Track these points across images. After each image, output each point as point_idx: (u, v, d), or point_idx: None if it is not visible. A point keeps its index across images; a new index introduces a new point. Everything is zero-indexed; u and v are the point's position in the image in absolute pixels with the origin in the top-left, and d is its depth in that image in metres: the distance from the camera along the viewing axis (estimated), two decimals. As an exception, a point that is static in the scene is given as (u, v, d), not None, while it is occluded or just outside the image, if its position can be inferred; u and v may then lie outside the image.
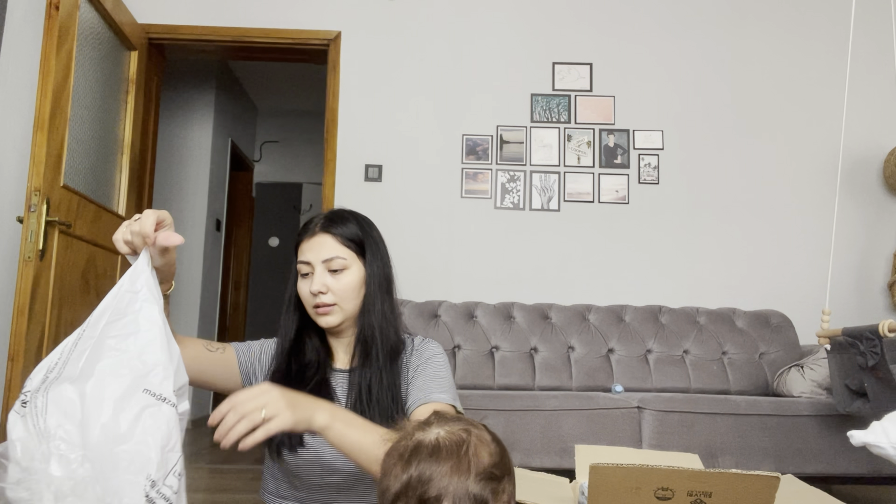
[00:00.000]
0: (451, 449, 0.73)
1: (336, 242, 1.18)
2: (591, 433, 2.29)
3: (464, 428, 0.76)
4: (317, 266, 1.17)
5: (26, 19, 3.19)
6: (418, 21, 3.39)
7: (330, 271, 1.17)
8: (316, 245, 1.18)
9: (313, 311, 1.19)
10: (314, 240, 1.19)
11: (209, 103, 4.75)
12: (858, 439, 1.51)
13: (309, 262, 1.18)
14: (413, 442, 0.75)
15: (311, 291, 1.17)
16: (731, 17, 3.42)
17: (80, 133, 2.70)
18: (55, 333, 2.47)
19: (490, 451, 0.74)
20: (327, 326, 1.19)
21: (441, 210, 3.26)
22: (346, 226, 1.20)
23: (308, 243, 1.19)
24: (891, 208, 3.30)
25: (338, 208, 1.26)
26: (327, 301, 1.17)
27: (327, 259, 1.17)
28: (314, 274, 1.17)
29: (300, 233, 1.23)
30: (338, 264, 1.17)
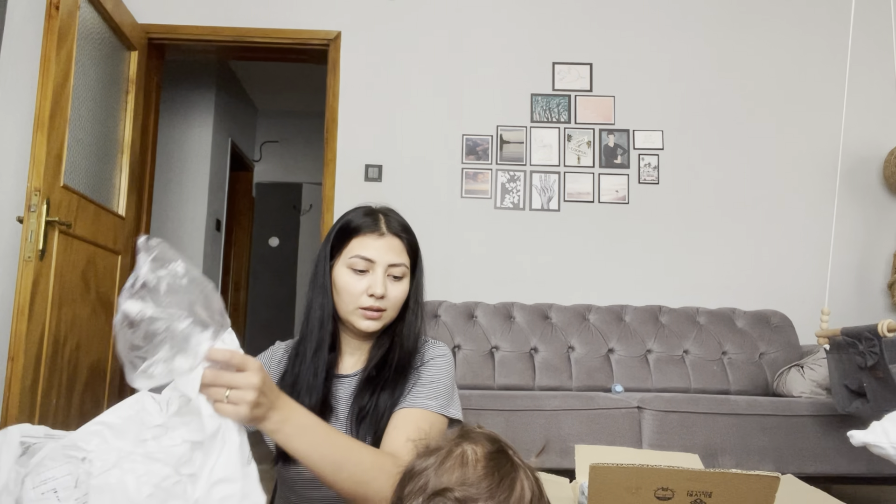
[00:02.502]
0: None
1: (404, 249, 1.14)
2: (591, 433, 2.29)
3: (460, 443, 0.74)
4: (380, 267, 1.11)
5: (26, 19, 3.19)
6: (418, 21, 3.39)
7: (390, 276, 1.12)
8: (385, 246, 1.12)
9: (358, 312, 1.12)
10: (384, 240, 1.12)
11: (209, 103, 4.75)
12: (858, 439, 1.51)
13: (373, 260, 1.11)
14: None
15: (372, 293, 1.10)
16: (731, 16, 3.42)
17: (80, 133, 2.70)
18: (55, 333, 2.47)
19: (464, 472, 0.71)
20: (369, 330, 1.13)
21: (441, 210, 3.26)
22: (412, 234, 1.17)
23: (375, 241, 1.12)
24: (891, 208, 3.30)
25: (392, 209, 1.19)
26: (381, 306, 1.11)
27: (394, 264, 1.12)
28: (375, 275, 1.11)
29: (362, 224, 1.14)
30: (399, 272, 1.13)
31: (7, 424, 2.22)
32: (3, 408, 2.26)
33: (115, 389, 3.04)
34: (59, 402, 2.52)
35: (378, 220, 1.14)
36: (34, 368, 2.34)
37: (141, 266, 0.75)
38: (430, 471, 0.72)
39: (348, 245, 1.13)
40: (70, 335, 2.59)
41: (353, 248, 1.12)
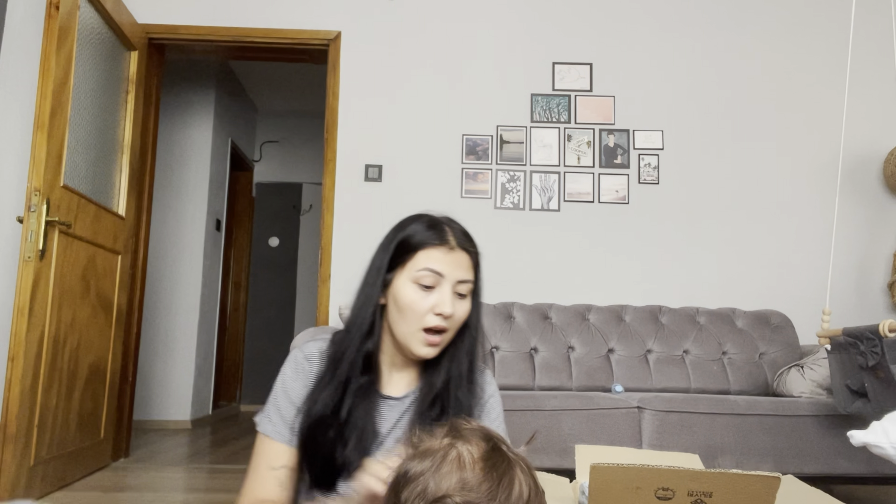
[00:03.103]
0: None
1: (471, 266, 1.07)
2: (591, 433, 2.29)
3: (451, 443, 0.74)
4: (446, 284, 1.03)
5: (26, 19, 3.19)
6: (418, 21, 3.39)
7: (455, 294, 1.04)
8: (455, 261, 1.04)
9: (419, 336, 1.03)
10: (454, 255, 1.05)
11: (209, 103, 4.75)
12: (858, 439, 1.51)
13: (443, 274, 1.03)
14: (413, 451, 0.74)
15: (440, 311, 1.02)
16: (731, 16, 3.42)
17: (80, 133, 2.70)
18: (55, 333, 2.47)
19: (461, 475, 0.71)
20: (426, 357, 1.05)
21: (441, 210, 3.25)
22: (476, 246, 1.09)
23: (445, 254, 1.04)
24: (891, 208, 3.30)
25: (454, 219, 1.11)
26: (446, 326, 1.03)
27: (462, 281, 1.04)
28: (442, 291, 1.03)
29: (430, 236, 1.05)
30: (465, 289, 1.05)
31: (7, 424, 2.22)
32: (3, 408, 2.26)
33: (114, 389, 3.04)
34: (59, 402, 2.52)
35: (445, 232, 1.07)
36: (34, 368, 2.34)
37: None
38: (427, 475, 0.71)
39: (413, 258, 1.04)
40: (70, 335, 2.59)
41: (419, 261, 1.04)
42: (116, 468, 3.01)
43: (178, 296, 4.53)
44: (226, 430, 4.38)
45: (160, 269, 4.51)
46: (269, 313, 5.88)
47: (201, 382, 4.66)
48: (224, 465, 3.16)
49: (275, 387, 1.10)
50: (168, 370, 4.44)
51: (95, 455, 2.88)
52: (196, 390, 4.54)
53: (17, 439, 2.24)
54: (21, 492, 2.28)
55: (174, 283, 4.54)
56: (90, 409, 2.80)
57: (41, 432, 2.39)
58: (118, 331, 3.03)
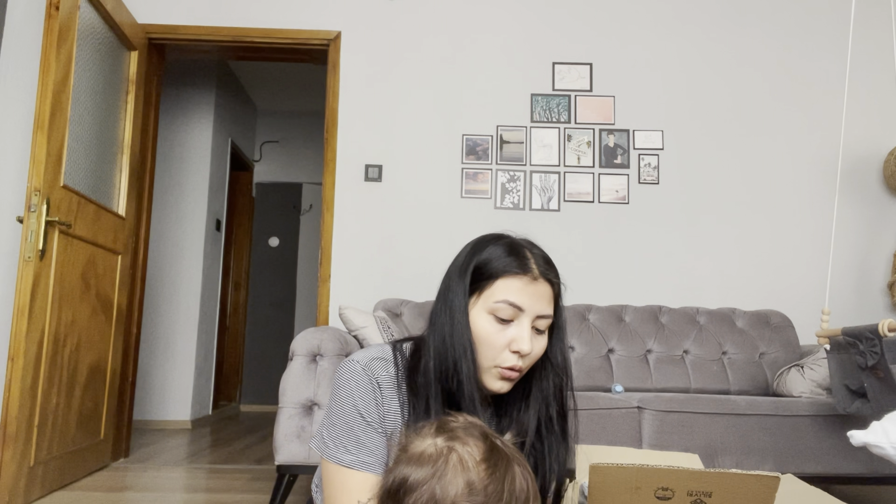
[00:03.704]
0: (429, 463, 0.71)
1: (552, 298, 0.97)
2: (591, 433, 2.29)
3: (449, 446, 0.72)
4: (525, 319, 0.94)
5: (26, 19, 3.19)
6: (418, 21, 3.39)
7: (534, 329, 0.95)
8: (537, 293, 0.95)
9: (494, 371, 0.94)
10: (536, 286, 0.95)
11: (209, 103, 4.75)
12: (858, 439, 1.51)
13: (523, 308, 0.93)
14: (403, 454, 0.73)
15: (516, 349, 0.92)
16: (731, 16, 3.42)
17: (80, 133, 2.70)
18: (55, 333, 2.47)
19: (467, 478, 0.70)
20: (500, 391, 0.95)
21: (441, 210, 3.26)
22: (558, 276, 0.99)
23: (527, 285, 0.94)
24: (891, 208, 3.30)
25: (535, 243, 1.02)
26: (522, 365, 0.94)
27: (542, 316, 0.95)
28: (521, 326, 0.93)
29: (509, 263, 0.95)
30: (544, 325, 0.96)
31: (7, 424, 2.22)
32: (3, 408, 2.26)
33: (114, 389, 3.04)
34: (59, 402, 2.52)
35: (527, 259, 0.97)
36: (34, 368, 2.34)
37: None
38: (431, 482, 0.69)
39: (491, 287, 0.95)
40: (70, 335, 2.59)
41: (498, 291, 0.94)
42: (116, 468, 3.01)
43: (178, 296, 4.53)
44: (226, 430, 4.38)
45: (160, 269, 4.51)
46: (269, 313, 5.88)
47: (201, 382, 4.66)
48: (224, 465, 3.16)
49: (341, 409, 0.95)
50: (168, 370, 4.44)
51: (95, 455, 2.88)
52: (196, 390, 4.54)
53: (17, 439, 2.24)
54: (21, 492, 2.29)
55: (174, 283, 4.54)
56: (90, 409, 2.80)
57: (41, 432, 2.39)
58: (118, 331, 3.03)
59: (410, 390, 0.95)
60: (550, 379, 1.00)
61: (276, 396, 5.31)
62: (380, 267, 3.17)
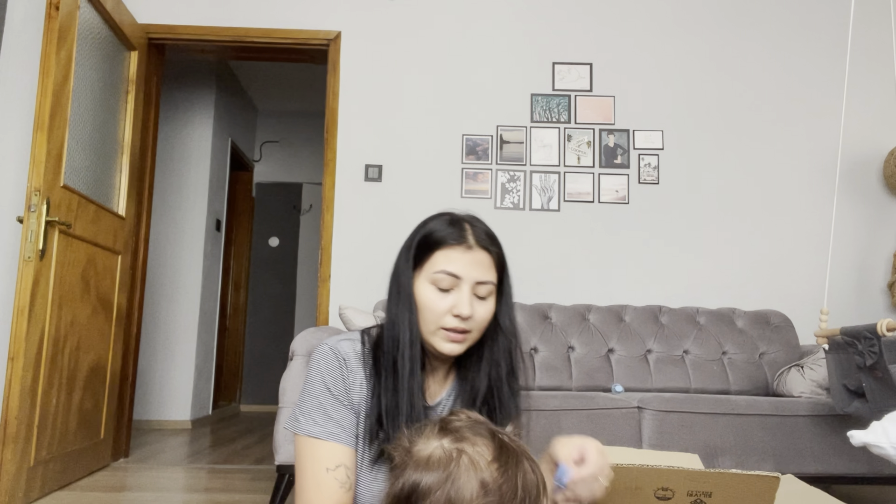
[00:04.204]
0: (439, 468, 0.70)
1: (492, 265, 1.03)
2: (591, 433, 2.28)
3: (458, 448, 0.72)
4: (466, 285, 1.00)
5: (26, 19, 3.19)
6: (418, 21, 3.39)
7: (476, 296, 1.01)
8: (474, 261, 1.01)
9: (440, 333, 1.01)
10: (472, 254, 1.01)
11: (209, 103, 4.75)
12: (858, 439, 1.51)
13: (459, 276, 1.00)
14: (408, 457, 0.72)
15: (458, 313, 0.99)
16: (730, 16, 3.42)
17: (80, 133, 2.70)
18: (55, 333, 2.47)
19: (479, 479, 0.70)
20: (451, 353, 1.02)
21: (441, 210, 3.26)
22: (498, 245, 1.05)
23: (462, 254, 1.01)
24: (891, 208, 3.30)
25: (475, 218, 1.07)
26: (466, 328, 1.00)
27: (481, 281, 1.01)
28: (461, 292, 1.00)
29: (447, 235, 1.03)
30: (485, 291, 1.02)
31: (7, 424, 2.22)
32: (3, 408, 2.26)
33: (114, 389, 3.04)
34: (59, 402, 2.52)
35: (465, 230, 1.03)
36: (34, 368, 2.34)
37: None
38: (445, 486, 0.69)
39: (431, 258, 1.02)
40: (70, 335, 2.59)
41: (436, 262, 1.01)
42: (116, 468, 3.01)
43: (178, 296, 4.53)
44: (226, 430, 4.38)
45: (160, 269, 4.51)
46: (269, 313, 5.88)
47: (201, 382, 4.66)
48: (224, 465, 3.17)
49: (311, 387, 1.04)
50: (168, 370, 4.44)
51: (95, 455, 2.88)
52: (196, 390, 4.54)
53: (17, 439, 2.24)
54: (21, 492, 2.29)
55: (174, 283, 4.54)
56: (90, 409, 2.80)
57: (41, 432, 2.39)
58: (118, 331, 3.03)
59: (374, 363, 1.04)
60: (499, 342, 1.06)
61: (276, 396, 5.30)
62: (380, 267, 3.16)
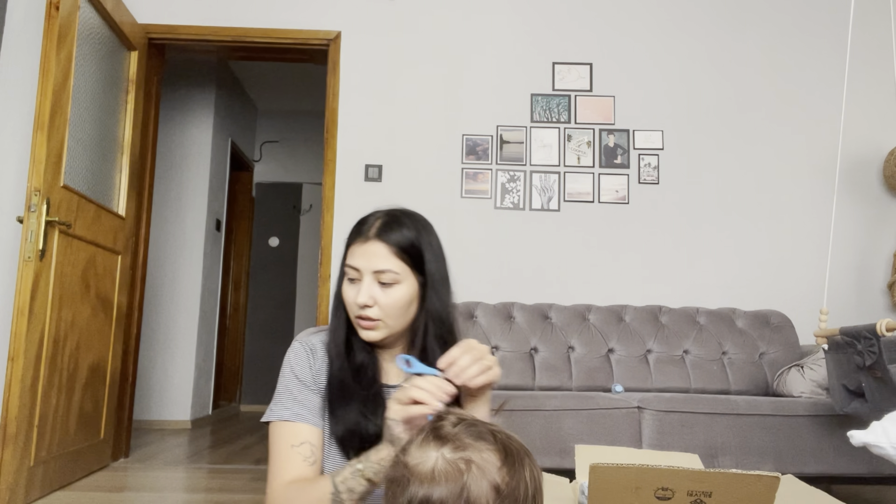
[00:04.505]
0: (449, 481, 0.68)
1: (390, 253, 1.07)
2: (591, 433, 2.29)
3: (463, 457, 0.70)
4: (366, 275, 1.07)
5: (26, 19, 3.19)
6: (418, 21, 3.39)
7: (380, 283, 1.07)
8: (368, 252, 1.07)
9: (356, 321, 1.10)
10: (367, 246, 1.07)
11: (209, 103, 4.75)
12: (858, 439, 1.51)
13: (358, 267, 1.08)
14: (407, 471, 0.70)
15: (358, 302, 1.07)
16: (730, 16, 3.42)
17: (80, 133, 2.70)
18: (55, 333, 2.47)
19: (493, 482, 0.69)
20: (368, 340, 1.10)
21: (441, 210, 3.26)
22: (403, 233, 1.09)
23: (360, 248, 1.08)
24: (891, 208, 3.30)
25: (396, 210, 1.13)
26: (372, 315, 1.07)
27: (379, 271, 1.06)
28: (362, 282, 1.07)
29: (353, 233, 1.12)
30: (389, 278, 1.06)
31: (7, 424, 2.22)
32: (3, 408, 2.26)
33: (114, 389, 3.04)
34: (59, 402, 2.52)
35: (364, 225, 1.10)
36: (34, 368, 2.34)
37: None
38: (461, 498, 0.67)
39: (346, 254, 1.12)
40: (70, 335, 2.59)
41: (347, 258, 1.11)
42: (116, 468, 3.01)
43: (178, 296, 4.53)
44: (226, 430, 4.38)
45: (160, 269, 4.51)
46: (269, 313, 5.88)
47: (201, 382, 4.66)
48: (224, 465, 3.17)
49: (282, 379, 1.14)
50: (168, 370, 4.44)
51: (95, 455, 2.88)
52: (196, 390, 4.54)
53: (17, 439, 2.24)
54: (21, 492, 2.29)
55: (174, 283, 4.54)
56: (90, 409, 2.80)
57: (41, 432, 2.39)
58: (118, 331, 3.03)
59: (332, 342, 1.15)
60: (425, 325, 1.11)
61: (276, 396, 5.30)
62: (380, 267, 3.16)
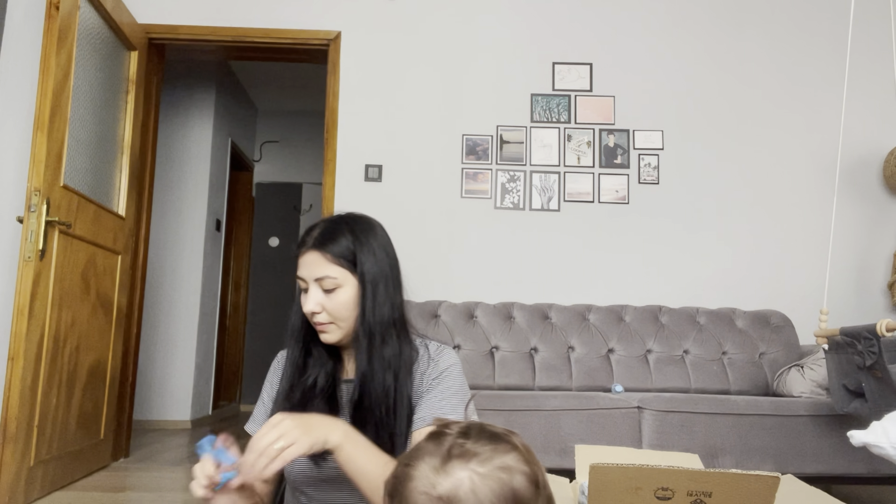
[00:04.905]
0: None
1: (326, 261, 1.12)
2: (591, 433, 2.29)
3: (498, 465, 0.68)
4: (310, 284, 1.13)
5: (26, 19, 3.19)
6: (418, 21, 3.39)
7: (324, 290, 1.13)
8: (308, 262, 1.13)
9: (315, 327, 1.17)
10: (307, 256, 1.14)
11: (209, 103, 4.75)
12: (858, 439, 1.51)
13: (303, 278, 1.14)
14: (430, 488, 0.66)
15: (306, 311, 1.14)
16: (731, 16, 3.42)
17: (80, 133, 2.70)
18: (55, 333, 2.47)
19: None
20: (327, 342, 1.16)
21: (441, 210, 3.26)
22: (338, 241, 1.14)
23: (303, 258, 1.14)
24: (891, 208, 3.30)
25: (334, 217, 1.19)
26: (322, 320, 1.13)
27: (319, 278, 1.12)
28: (309, 291, 1.13)
29: (298, 244, 1.17)
30: (329, 284, 1.12)
31: (7, 424, 2.22)
32: (3, 408, 2.26)
33: (114, 389, 3.04)
34: (59, 402, 2.52)
35: (306, 235, 1.15)
36: (34, 368, 2.34)
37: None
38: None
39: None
40: (70, 335, 2.59)
41: (297, 270, 1.16)
42: (116, 468, 3.01)
43: (178, 296, 4.53)
44: (226, 430, 4.38)
45: (160, 269, 4.51)
46: (269, 313, 5.88)
47: (201, 382, 4.66)
48: (224, 464, 3.16)
49: (263, 388, 1.26)
50: (168, 370, 4.44)
51: (95, 455, 2.88)
52: (196, 390, 4.54)
53: (17, 439, 2.24)
54: (21, 492, 2.29)
55: (174, 283, 4.54)
56: (90, 409, 2.80)
57: (41, 432, 2.39)
58: (118, 331, 3.03)
59: (289, 348, 1.22)
60: (368, 325, 1.14)
61: (276, 396, 5.29)
62: (380, 267, 3.16)
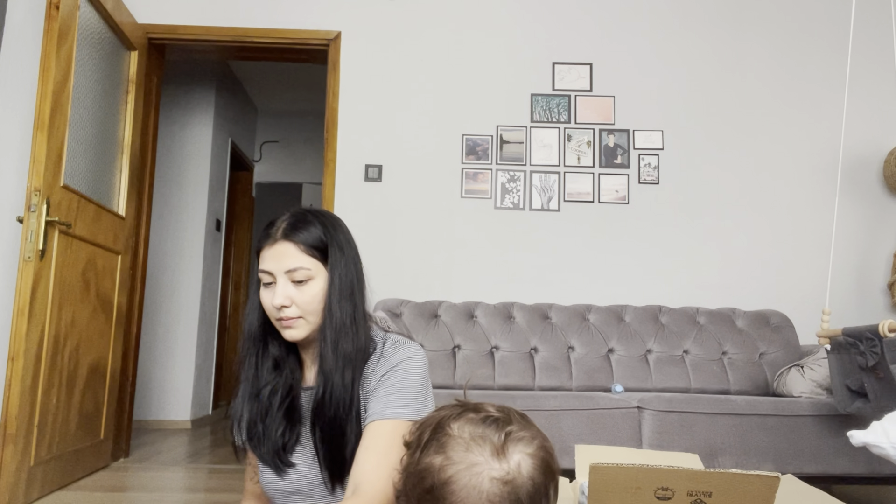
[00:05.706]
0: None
1: (299, 251, 1.09)
2: (591, 433, 2.29)
3: (540, 446, 0.80)
4: (279, 277, 1.09)
5: (26, 19, 3.19)
6: (418, 21, 3.39)
7: (294, 282, 1.09)
8: (277, 254, 1.09)
9: (278, 324, 1.12)
10: (276, 247, 1.09)
11: (209, 103, 4.75)
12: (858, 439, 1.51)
13: (270, 272, 1.09)
14: (504, 475, 0.76)
15: (275, 304, 1.08)
16: (731, 16, 3.42)
17: (80, 133, 2.70)
18: (55, 333, 2.47)
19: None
20: (292, 340, 1.11)
21: (441, 210, 3.26)
22: (310, 231, 1.10)
23: (269, 251, 1.10)
24: (891, 208, 3.30)
25: (301, 210, 1.15)
26: (292, 314, 1.09)
27: (290, 270, 1.08)
28: (276, 285, 1.09)
29: (261, 238, 1.13)
30: (302, 275, 1.08)
31: (7, 424, 2.22)
32: (3, 408, 2.26)
33: (114, 389, 3.04)
34: (59, 402, 2.52)
35: (271, 227, 1.12)
36: (34, 368, 2.34)
37: None
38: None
39: (259, 263, 1.13)
40: (70, 335, 2.59)
41: (259, 265, 1.12)
42: (116, 468, 3.01)
43: (178, 296, 4.53)
44: (226, 430, 4.37)
45: (160, 269, 4.51)
46: (269, 313, 5.87)
47: (201, 382, 4.66)
48: (224, 465, 3.16)
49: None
50: (168, 370, 4.44)
51: (95, 455, 2.88)
52: (196, 390, 4.54)
53: (17, 439, 2.24)
54: (21, 492, 2.29)
55: (174, 283, 4.54)
56: (90, 409, 2.80)
57: (41, 432, 2.39)
58: (118, 331, 3.03)
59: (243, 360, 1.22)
60: (335, 319, 1.11)
61: (276, 396, 5.29)
62: (379, 267, 3.17)
